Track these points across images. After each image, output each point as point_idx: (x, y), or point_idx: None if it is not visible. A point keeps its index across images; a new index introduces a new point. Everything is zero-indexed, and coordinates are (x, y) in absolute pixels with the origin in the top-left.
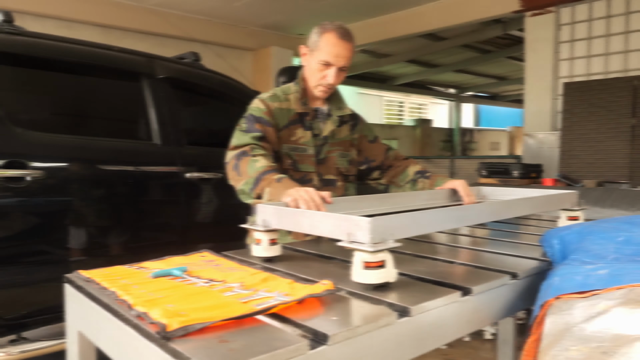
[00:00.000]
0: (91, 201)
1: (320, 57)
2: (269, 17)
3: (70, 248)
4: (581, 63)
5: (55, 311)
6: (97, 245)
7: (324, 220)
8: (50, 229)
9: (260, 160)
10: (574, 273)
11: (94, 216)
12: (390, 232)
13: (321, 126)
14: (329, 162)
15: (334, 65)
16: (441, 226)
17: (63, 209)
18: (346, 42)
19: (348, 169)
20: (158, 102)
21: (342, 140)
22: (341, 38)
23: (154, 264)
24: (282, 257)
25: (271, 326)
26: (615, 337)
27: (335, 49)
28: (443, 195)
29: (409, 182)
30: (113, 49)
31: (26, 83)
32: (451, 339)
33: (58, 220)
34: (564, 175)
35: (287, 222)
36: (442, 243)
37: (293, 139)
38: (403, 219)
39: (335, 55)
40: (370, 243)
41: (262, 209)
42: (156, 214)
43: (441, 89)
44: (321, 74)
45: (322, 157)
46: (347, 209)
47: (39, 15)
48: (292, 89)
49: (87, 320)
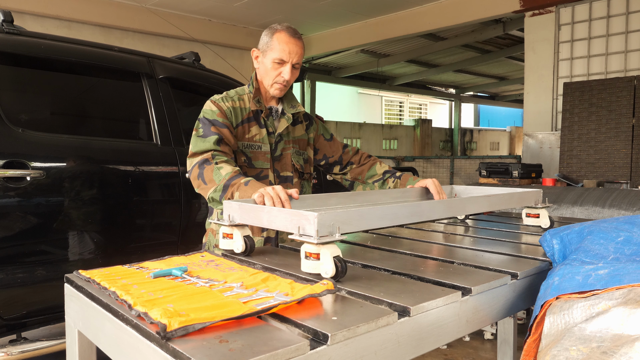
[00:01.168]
0: (91, 201)
1: (274, 56)
2: (269, 17)
3: (70, 248)
4: (581, 63)
5: (55, 311)
6: (97, 245)
7: (279, 215)
8: (50, 229)
9: (225, 167)
10: (574, 273)
11: (94, 216)
12: (337, 226)
13: (275, 124)
14: (284, 159)
15: (288, 62)
16: (392, 221)
17: (63, 208)
18: (297, 40)
19: (303, 167)
20: (158, 102)
21: (297, 139)
22: (292, 36)
23: (154, 264)
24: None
25: (271, 326)
26: (615, 337)
27: (288, 46)
28: (414, 194)
29: (378, 181)
30: (113, 49)
31: (26, 83)
32: (451, 339)
33: (58, 220)
34: (563, 175)
35: (249, 217)
36: (442, 243)
37: (248, 136)
38: (350, 213)
39: (289, 52)
40: (316, 236)
41: (227, 205)
42: (156, 214)
43: (441, 89)
44: (276, 72)
45: (277, 155)
46: (314, 205)
47: (39, 15)
48: (245, 90)
49: (87, 320)
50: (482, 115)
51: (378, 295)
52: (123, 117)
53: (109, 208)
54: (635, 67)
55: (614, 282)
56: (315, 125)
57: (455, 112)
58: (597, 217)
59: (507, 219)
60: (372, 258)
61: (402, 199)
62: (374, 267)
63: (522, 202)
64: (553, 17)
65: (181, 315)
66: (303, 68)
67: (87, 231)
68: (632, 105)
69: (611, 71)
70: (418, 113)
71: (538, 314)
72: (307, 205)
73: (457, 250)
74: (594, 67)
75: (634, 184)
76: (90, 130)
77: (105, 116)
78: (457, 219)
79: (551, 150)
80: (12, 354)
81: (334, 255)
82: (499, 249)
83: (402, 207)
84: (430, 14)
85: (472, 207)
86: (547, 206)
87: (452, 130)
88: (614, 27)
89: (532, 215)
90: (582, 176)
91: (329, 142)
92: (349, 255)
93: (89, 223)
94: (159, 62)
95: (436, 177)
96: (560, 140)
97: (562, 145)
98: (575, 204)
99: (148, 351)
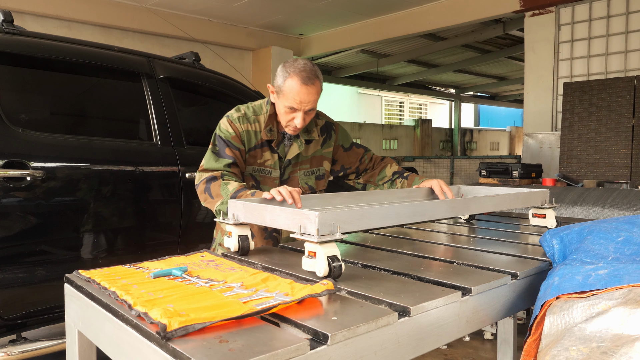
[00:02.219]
0: (91, 201)
1: (285, 103)
2: (269, 17)
3: (70, 248)
4: (581, 63)
5: (55, 311)
6: (97, 245)
7: (282, 214)
8: (49, 229)
9: (232, 183)
10: (574, 273)
11: (94, 216)
12: (338, 225)
13: (286, 150)
14: (292, 181)
15: (300, 110)
16: (394, 221)
17: (63, 208)
18: (310, 87)
19: (315, 185)
20: (158, 102)
21: (310, 157)
22: (304, 84)
23: (154, 264)
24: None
25: (271, 326)
26: (615, 337)
27: (299, 96)
28: (419, 194)
29: (387, 182)
30: (113, 49)
31: (26, 83)
32: (451, 339)
33: (57, 220)
34: (563, 175)
35: (252, 216)
36: (442, 243)
37: (259, 161)
38: (351, 213)
39: (299, 102)
40: (317, 235)
41: (232, 204)
42: (156, 214)
43: (441, 89)
44: (289, 117)
45: (285, 178)
46: (318, 205)
47: (39, 15)
48: (263, 109)
49: (87, 320)
50: (482, 115)
51: (378, 295)
52: (123, 117)
53: (108, 208)
54: (635, 67)
55: (614, 282)
56: (335, 135)
57: (455, 112)
58: (597, 217)
59: (508, 219)
60: (372, 258)
61: (407, 199)
62: (374, 267)
63: (528, 202)
64: (553, 17)
65: (181, 315)
66: None
67: (87, 231)
68: (632, 105)
69: (611, 71)
70: (418, 113)
71: (538, 314)
72: (311, 204)
73: (457, 250)
74: (594, 67)
75: (634, 184)
76: (91, 130)
77: (105, 116)
78: (462, 219)
79: (551, 150)
80: (12, 354)
81: (328, 254)
82: (499, 249)
83: (404, 206)
84: (430, 14)
85: (475, 207)
86: (554, 206)
87: (452, 130)
88: (614, 27)
89: (539, 215)
90: (582, 176)
91: (348, 151)
92: (349, 255)
93: (89, 223)
94: (159, 62)
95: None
96: (560, 140)
97: (562, 145)
98: (575, 204)
99: (148, 351)
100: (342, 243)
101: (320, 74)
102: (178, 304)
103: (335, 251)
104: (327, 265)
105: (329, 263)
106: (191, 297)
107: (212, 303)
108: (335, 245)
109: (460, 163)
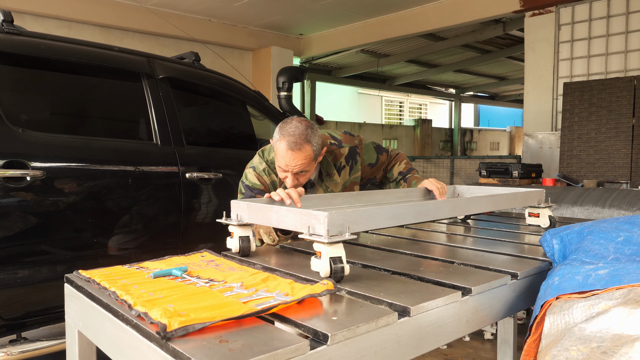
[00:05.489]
0: (91, 201)
1: (277, 162)
2: (269, 17)
3: (69, 248)
4: (581, 63)
5: (55, 311)
6: (97, 245)
7: (289, 214)
8: (49, 229)
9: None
10: (574, 273)
11: (93, 216)
12: (347, 226)
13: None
14: None
15: (289, 172)
16: (399, 221)
17: (63, 208)
18: (295, 152)
19: None
20: (158, 102)
21: (341, 191)
22: (289, 148)
23: (154, 264)
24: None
25: (271, 326)
26: (615, 337)
27: (285, 159)
28: (417, 194)
29: (393, 182)
30: (113, 49)
31: (26, 83)
32: (451, 339)
33: (58, 220)
34: (563, 175)
35: (257, 217)
36: (442, 243)
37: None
38: (359, 213)
39: (286, 164)
40: (326, 236)
41: (235, 205)
42: (156, 214)
43: (441, 89)
44: (282, 175)
45: None
46: (319, 205)
47: (39, 15)
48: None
49: (87, 320)
50: (482, 115)
51: (378, 295)
52: (123, 117)
53: (108, 208)
54: (635, 67)
55: (614, 282)
56: (360, 158)
57: (455, 112)
58: (597, 217)
59: (507, 219)
60: (372, 258)
61: (405, 198)
62: (374, 267)
63: (525, 202)
64: (553, 17)
65: (181, 315)
66: (303, 68)
67: (86, 231)
68: (632, 105)
69: (611, 71)
70: (418, 113)
71: (538, 314)
72: (312, 205)
73: (457, 250)
74: (594, 67)
75: (634, 184)
76: (90, 130)
77: (105, 116)
78: (457, 219)
79: (551, 150)
80: (12, 354)
81: (330, 255)
82: (499, 249)
83: (409, 206)
84: (430, 14)
85: (476, 207)
86: (549, 206)
87: (452, 130)
88: (614, 27)
89: (534, 214)
90: (582, 176)
91: (373, 167)
92: (349, 255)
93: (89, 223)
94: (159, 62)
95: (436, 177)
96: (560, 140)
97: (562, 145)
98: (575, 204)
99: (148, 351)
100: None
101: (314, 136)
102: (178, 304)
103: (341, 252)
104: (329, 266)
105: (330, 265)
106: (191, 297)
107: (212, 303)
108: (342, 247)
109: (460, 163)
